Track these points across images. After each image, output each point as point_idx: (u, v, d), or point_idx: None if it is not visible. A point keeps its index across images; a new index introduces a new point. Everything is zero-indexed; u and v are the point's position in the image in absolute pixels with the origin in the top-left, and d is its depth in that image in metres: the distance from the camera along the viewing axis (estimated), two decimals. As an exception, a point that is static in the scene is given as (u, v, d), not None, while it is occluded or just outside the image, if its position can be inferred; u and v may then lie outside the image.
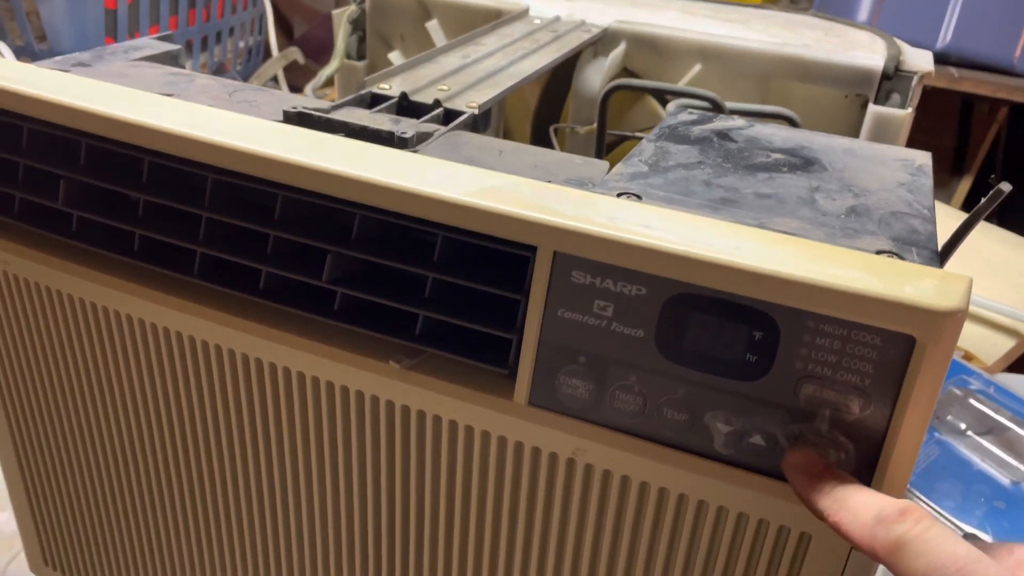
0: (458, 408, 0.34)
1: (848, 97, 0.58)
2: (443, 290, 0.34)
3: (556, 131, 0.60)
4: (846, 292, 0.27)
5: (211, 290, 0.38)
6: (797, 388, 0.29)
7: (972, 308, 0.83)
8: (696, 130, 0.42)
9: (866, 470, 0.29)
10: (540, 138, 0.70)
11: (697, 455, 0.31)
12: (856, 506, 0.27)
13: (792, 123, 0.52)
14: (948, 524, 0.64)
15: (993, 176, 0.37)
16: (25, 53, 1.04)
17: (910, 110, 0.55)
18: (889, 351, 0.28)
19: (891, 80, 0.56)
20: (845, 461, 0.29)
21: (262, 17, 1.28)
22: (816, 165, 0.39)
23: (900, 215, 0.34)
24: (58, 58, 0.45)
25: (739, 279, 0.28)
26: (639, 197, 0.34)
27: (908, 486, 0.66)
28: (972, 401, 0.70)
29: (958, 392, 0.71)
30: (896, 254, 0.31)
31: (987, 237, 0.97)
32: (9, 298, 0.43)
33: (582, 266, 0.31)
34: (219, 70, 1.24)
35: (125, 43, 0.49)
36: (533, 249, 0.31)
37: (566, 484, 0.33)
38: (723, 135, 0.42)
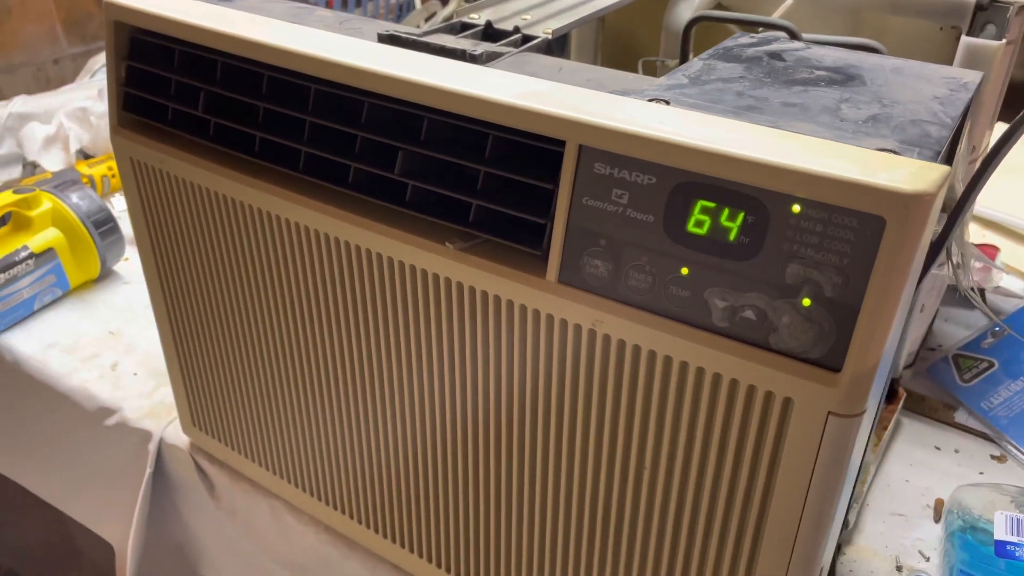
0: (500, 284, 0.39)
1: (943, 29, 0.58)
2: (493, 185, 0.40)
3: (645, 64, 0.63)
4: (823, 177, 0.31)
5: (312, 184, 0.45)
6: (784, 267, 0.33)
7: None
8: (750, 51, 0.45)
9: (843, 344, 0.32)
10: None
11: (697, 328, 0.35)
12: None
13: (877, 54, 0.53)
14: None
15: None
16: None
17: (1005, 41, 0.54)
18: (864, 233, 0.31)
19: (986, 10, 0.55)
20: (825, 334, 0.32)
21: (413, -27, 1.37)
22: (856, 80, 0.41)
23: (919, 122, 0.36)
24: (207, -5, 0.54)
25: (730, 166, 0.32)
26: (667, 103, 0.38)
27: (1002, 431, 0.66)
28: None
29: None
30: (895, 152, 0.33)
31: None
32: (165, 192, 0.52)
33: (602, 158, 0.35)
34: (372, 24, 1.33)
35: (263, -17, 0.58)
36: (564, 145, 0.36)
37: (588, 353, 0.38)
38: (774, 55, 0.44)
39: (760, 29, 0.61)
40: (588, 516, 0.43)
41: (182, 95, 0.49)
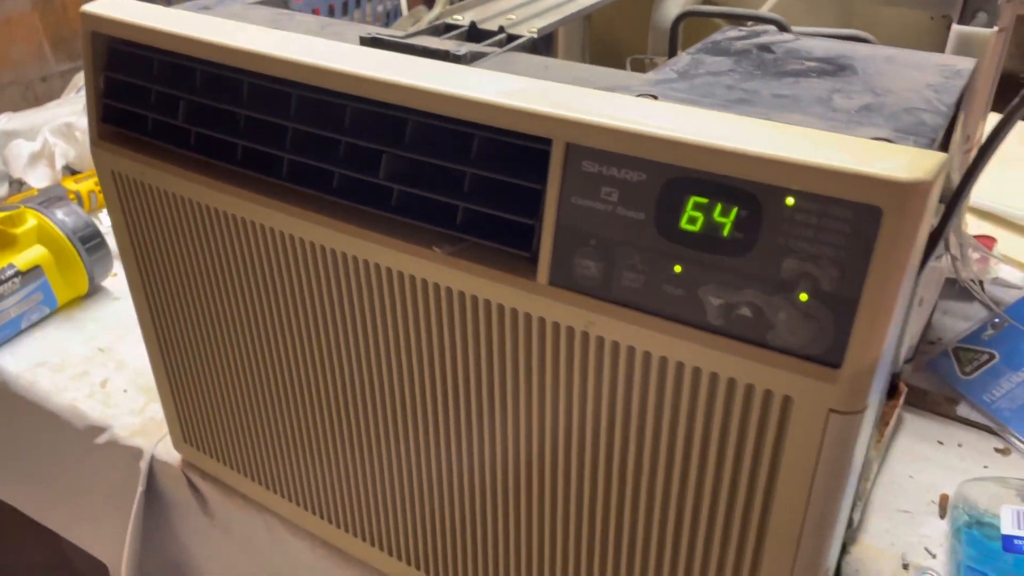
0: (490, 288, 0.38)
1: (934, 19, 0.57)
2: (480, 187, 0.39)
3: (633, 62, 0.63)
4: (816, 167, 0.30)
5: (295, 191, 0.44)
6: (779, 262, 0.32)
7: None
8: (739, 44, 0.44)
9: (843, 339, 0.31)
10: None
11: (693, 327, 0.34)
12: None
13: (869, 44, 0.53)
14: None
15: (1025, 75, 0.37)
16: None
17: (996, 29, 0.54)
18: (861, 224, 0.30)
19: (976, -3, 0.55)
20: (824, 330, 0.32)
21: (398, -20, 1.37)
22: (848, 71, 0.40)
23: (914, 110, 0.35)
24: (187, 3, 0.53)
25: (721, 160, 0.31)
26: (655, 97, 0.37)
27: (1005, 423, 0.65)
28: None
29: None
30: (890, 141, 0.32)
31: None
32: (147, 205, 0.51)
33: (590, 155, 0.34)
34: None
35: (244, -10, 0.57)
36: (550, 144, 0.35)
37: (582, 355, 0.37)
38: (764, 47, 0.43)
39: (749, 23, 0.61)
40: (587, 519, 0.42)
41: (162, 105, 0.48)
